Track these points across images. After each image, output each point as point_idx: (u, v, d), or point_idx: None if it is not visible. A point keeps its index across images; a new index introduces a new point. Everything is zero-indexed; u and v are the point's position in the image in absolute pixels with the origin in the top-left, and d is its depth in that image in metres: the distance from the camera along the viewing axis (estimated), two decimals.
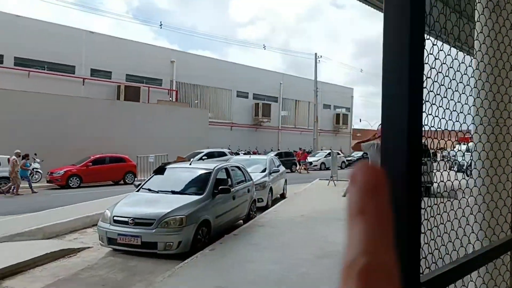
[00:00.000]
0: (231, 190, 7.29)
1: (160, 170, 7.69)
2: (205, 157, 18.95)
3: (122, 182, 16.92)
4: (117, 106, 22.80)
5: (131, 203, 6.51)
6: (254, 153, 29.58)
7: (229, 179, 7.68)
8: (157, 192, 6.88)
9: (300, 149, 30.16)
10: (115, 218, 6.03)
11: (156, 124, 23.06)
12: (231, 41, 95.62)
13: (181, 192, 6.77)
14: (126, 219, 5.94)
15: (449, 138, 1.40)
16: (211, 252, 5.57)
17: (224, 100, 34.49)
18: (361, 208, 0.16)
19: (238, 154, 25.71)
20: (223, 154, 21.24)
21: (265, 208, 10.03)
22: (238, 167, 8.60)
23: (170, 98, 28.94)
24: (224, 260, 5.14)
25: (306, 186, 14.51)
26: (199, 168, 7.57)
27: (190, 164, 7.86)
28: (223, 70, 33.64)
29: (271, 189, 10.96)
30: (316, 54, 33.71)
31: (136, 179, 16.40)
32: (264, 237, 6.38)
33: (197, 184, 7.04)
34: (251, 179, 8.99)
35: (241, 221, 8.21)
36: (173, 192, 6.78)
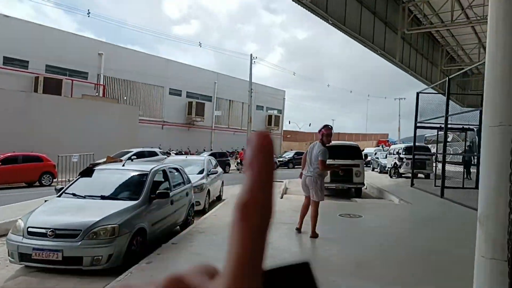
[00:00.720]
0: (170, 194, 6.66)
1: (87, 172, 6.79)
2: (135, 156, 17.78)
3: (38, 184, 15.18)
4: (35, 99, 20.55)
5: (51, 210, 5.59)
6: (186, 153, 28.73)
7: (167, 182, 7.03)
8: (84, 197, 6.02)
9: (242, 149, 29.93)
10: (30, 229, 5.09)
11: (81, 121, 21.19)
12: (163, 37, 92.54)
13: (113, 197, 5.99)
14: (44, 230, 5.04)
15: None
16: (148, 266, 4.93)
17: (155, 98, 33.02)
18: (250, 162, 0.22)
19: (169, 154, 24.78)
20: (154, 153, 20.22)
21: (203, 212, 9.49)
22: (176, 168, 7.96)
23: (97, 93, 26.90)
24: (165, 276, 4.54)
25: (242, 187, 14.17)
26: (133, 169, 6.81)
27: (123, 165, 7.06)
28: (155, 66, 32.19)
29: (208, 191, 10.44)
30: (251, 55, 33.70)
31: (55, 180, 14.80)
32: (208, 246, 5.86)
33: (132, 188, 6.30)
34: (190, 182, 8.40)
35: (178, 227, 7.60)
36: (103, 197, 5.97)
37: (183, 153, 29.67)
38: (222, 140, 38.25)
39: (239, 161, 27.54)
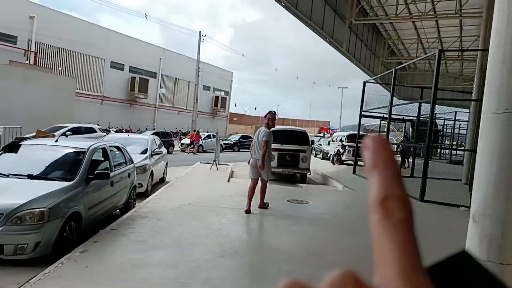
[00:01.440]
0: (110, 174, 6.06)
1: (12, 147, 5.95)
2: (70, 132, 16.42)
3: None
4: None
5: None
6: (127, 131, 27.38)
7: (107, 161, 6.40)
8: (7, 176, 5.23)
9: (194, 130, 29.00)
10: None
11: (7, 90, 19.11)
12: (105, 4, 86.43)
13: (43, 177, 5.27)
14: None
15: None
16: (83, 255, 4.39)
17: (95, 70, 30.83)
18: (374, 163, 0.23)
19: (109, 131, 23.45)
20: (92, 130, 18.94)
21: (145, 194, 8.93)
22: (117, 147, 7.30)
23: (27, 61, 24.42)
24: (102, 266, 4.05)
25: (187, 169, 13.67)
26: (68, 146, 6.08)
27: (56, 141, 6.28)
28: (96, 36, 29.93)
29: (152, 173, 9.85)
30: (200, 32, 32.63)
31: None
32: (151, 232, 5.41)
33: (66, 167, 5.61)
34: (133, 162, 7.78)
35: (118, 211, 7.02)
36: (31, 177, 5.23)
37: (124, 131, 28.21)
38: (165, 120, 36.95)
39: (189, 143, 26.85)
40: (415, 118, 17.94)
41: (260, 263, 4.56)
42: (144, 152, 10.00)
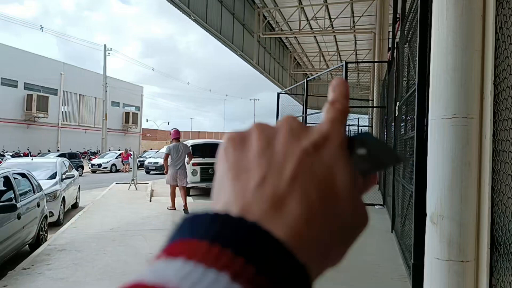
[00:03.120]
0: (17, 206, 5.29)
1: None
2: None
3: None
4: None
5: None
6: (26, 155, 24.72)
7: (11, 191, 5.59)
8: None
9: (126, 150, 27.33)
10: None
11: None
12: None
13: None
14: None
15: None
16: None
17: None
18: (333, 90, 0.34)
19: (3, 156, 20.96)
20: None
21: (57, 223, 8.04)
22: (22, 173, 6.44)
23: None
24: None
25: (103, 192, 12.69)
26: None
27: None
28: None
29: (63, 199, 8.91)
30: (105, 45, 30.92)
31: None
32: (72, 266, 4.81)
33: None
34: (41, 189, 6.93)
35: (27, 247, 6.16)
36: None
37: (23, 154, 25.35)
38: (71, 140, 34.08)
39: (122, 162, 25.81)
40: None
41: None
42: (53, 176, 9.02)
